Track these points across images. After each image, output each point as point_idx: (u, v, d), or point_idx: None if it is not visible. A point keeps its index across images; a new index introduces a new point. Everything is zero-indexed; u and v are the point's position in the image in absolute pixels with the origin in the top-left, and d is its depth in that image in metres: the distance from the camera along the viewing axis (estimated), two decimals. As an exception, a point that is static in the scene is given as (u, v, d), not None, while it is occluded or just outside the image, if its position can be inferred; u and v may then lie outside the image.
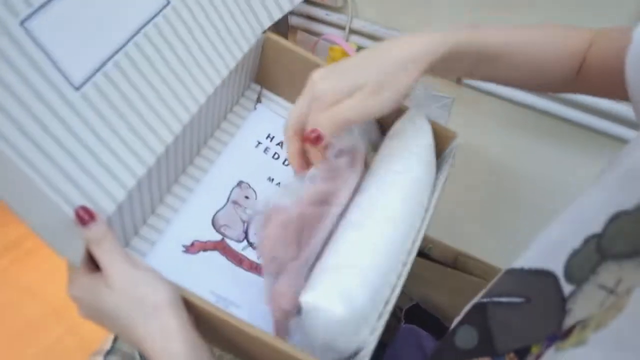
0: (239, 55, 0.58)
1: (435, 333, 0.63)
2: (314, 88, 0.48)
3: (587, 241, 0.40)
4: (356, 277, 0.46)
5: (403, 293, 0.52)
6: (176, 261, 0.54)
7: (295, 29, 1.04)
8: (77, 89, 0.44)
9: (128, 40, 0.48)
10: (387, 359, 0.62)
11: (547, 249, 0.43)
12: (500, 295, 0.45)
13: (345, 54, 0.95)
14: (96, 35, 0.46)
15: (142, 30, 0.49)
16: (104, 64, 0.46)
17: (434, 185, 0.57)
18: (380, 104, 0.47)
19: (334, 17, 0.98)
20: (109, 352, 0.57)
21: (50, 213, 0.42)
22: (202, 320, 0.46)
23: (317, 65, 0.61)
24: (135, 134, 0.48)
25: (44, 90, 0.42)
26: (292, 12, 1.02)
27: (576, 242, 0.40)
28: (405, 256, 0.51)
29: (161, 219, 0.56)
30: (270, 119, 0.66)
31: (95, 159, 0.45)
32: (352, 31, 0.97)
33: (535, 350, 0.40)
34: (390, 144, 0.57)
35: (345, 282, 0.45)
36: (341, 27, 0.98)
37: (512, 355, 0.42)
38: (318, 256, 0.49)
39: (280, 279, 0.46)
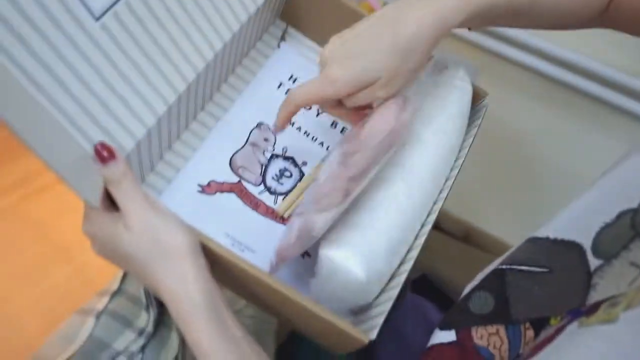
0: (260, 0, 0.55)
1: (441, 306, 0.63)
2: (326, 72, 0.48)
3: (620, 216, 0.38)
4: (382, 240, 0.46)
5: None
6: (192, 200, 0.53)
7: None
8: (97, 19, 0.42)
9: (152, -31, 0.45)
10: (391, 327, 0.63)
11: (575, 220, 0.42)
12: (520, 264, 0.44)
13: (372, 10, 0.90)
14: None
15: (167, -42, 0.46)
16: (125, -7, 0.43)
17: (462, 142, 0.56)
18: (390, 93, 0.49)
19: None
20: (115, 293, 0.57)
21: (68, 149, 0.41)
22: (218, 265, 0.46)
23: (344, 6, 0.58)
24: (157, 69, 0.46)
25: (64, 20, 0.40)
26: None
27: (609, 215, 0.39)
28: (425, 216, 0.51)
29: (179, 156, 0.55)
30: (293, 58, 0.63)
31: (115, 94, 0.43)
32: None
33: (554, 322, 0.40)
34: (430, 99, 0.54)
35: (371, 245, 0.45)
36: None
37: (527, 325, 0.42)
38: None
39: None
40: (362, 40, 0.47)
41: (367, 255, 0.44)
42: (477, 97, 0.58)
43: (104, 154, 0.41)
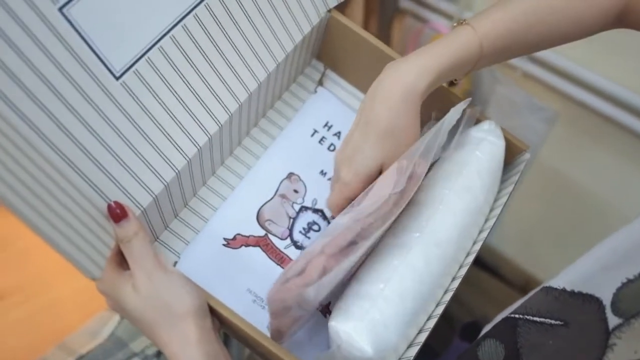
0: (299, 38, 0.53)
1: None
2: (340, 176, 0.49)
3: None
4: (393, 311, 0.43)
5: (464, 306, 0.48)
6: (217, 254, 0.52)
7: (403, 12, 0.99)
8: (118, 77, 0.42)
9: (175, 24, 0.45)
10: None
11: (594, 273, 0.39)
12: (534, 314, 0.41)
13: None
14: (139, 20, 0.43)
15: (192, 12, 0.45)
16: (147, 50, 0.43)
17: (494, 202, 0.52)
18: None
19: (444, 5, 0.92)
20: None
21: (80, 211, 0.41)
22: (227, 324, 0.45)
23: (379, 50, 0.56)
24: (178, 124, 0.46)
25: (82, 81, 0.40)
26: None
27: (631, 271, 0.36)
28: (449, 283, 0.47)
29: (207, 205, 0.54)
30: (331, 104, 0.61)
31: (132, 150, 0.43)
32: (462, 23, 0.90)
33: None
34: (454, 156, 0.51)
35: (381, 317, 0.43)
36: (451, 17, 0.91)
37: None
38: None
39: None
40: (355, 138, 0.48)
41: (377, 329, 0.42)
42: (516, 151, 0.54)
43: (117, 212, 0.41)
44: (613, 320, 0.36)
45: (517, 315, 0.44)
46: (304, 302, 0.39)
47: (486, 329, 0.48)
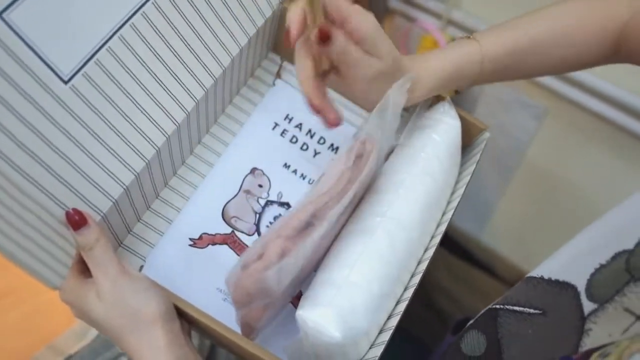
0: (252, 32, 0.53)
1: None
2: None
3: (616, 257, 0.36)
4: (360, 296, 0.43)
5: (457, 303, 0.49)
6: (184, 255, 0.52)
7: (392, 12, 0.99)
8: (66, 82, 0.41)
9: (123, 23, 0.44)
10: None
11: (571, 260, 0.40)
12: (514, 304, 0.42)
13: (436, 46, 0.88)
14: (85, 22, 0.42)
15: (140, 10, 0.44)
16: (95, 51, 0.42)
17: (456, 183, 0.52)
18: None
19: (433, 4, 0.92)
20: None
21: (35, 220, 0.40)
22: (196, 325, 0.44)
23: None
24: (133, 125, 0.45)
25: (29, 87, 0.39)
26: None
27: (604, 257, 0.37)
28: (415, 265, 0.47)
29: (170, 206, 0.53)
30: (290, 96, 0.61)
31: (88, 156, 0.42)
32: (450, 22, 0.91)
33: None
34: (411, 141, 0.52)
35: (347, 302, 0.43)
36: (439, 16, 0.92)
37: None
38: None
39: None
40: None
41: (345, 314, 0.42)
42: (476, 131, 0.55)
43: (76, 219, 0.40)
44: (588, 306, 0.37)
45: (498, 306, 0.44)
46: (266, 287, 0.39)
47: (471, 322, 0.49)
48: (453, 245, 1.19)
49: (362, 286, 0.44)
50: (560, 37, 0.49)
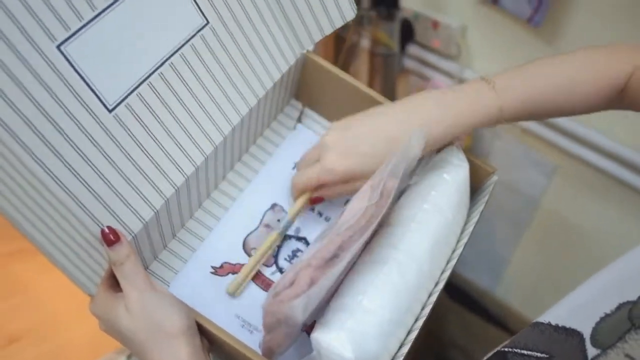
0: (277, 76, 0.57)
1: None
2: (325, 161, 0.53)
3: (620, 307, 0.38)
4: (372, 321, 0.45)
5: (470, 357, 0.50)
6: (205, 282, 0.54)
7: (407, 72, 1.06)
8: (110, 110, 0.45)
9: (164, 62, 0.48)
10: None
11: (578, 309, 0.42)
12: (522, 347, 0.43)
13: None
14: (131, 58, 0.46)
15: (179, 51, 0.49)
16: (138, 85, 0.47)
17: (465, 224, 0.55)
18: None
19: (446, 64, 0.99)
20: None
21: (74, 233, 0.43)
22: (216, 344, 0.46)
23: (355, 88, 0.60)
24: (166, 154, 0.49)
25: (78, 113, 0.43)
26: (406, 55, 1.05)
27: (609, 307, 0.39)
28: (425, 297, 0.49)
29: (194, 235, 0.56)
30: (309, 139, 0.64)
31: (123, 178, 0.46)
32: (462, 81, 0.97)
33: None
34: (423, 180, 0.55)
35: (360, 326, 0.45)
36: (452, 76, 0.98)
37: None
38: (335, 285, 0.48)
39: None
40: (362, 140, 0.52)
41: (357, 337, 0.44)
42: (484, 174, 0.58)
43: (110, 236, 0.43)
44: (592, 352, 0.38)
45: (507, 349, 0.45)
46: (292, 315, 0.41)
47: None
48: (467, 299, 1.19)
49: (374, 312, 0.46)
50: (574, 86, 0.53)
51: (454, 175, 0.55)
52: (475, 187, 0.59)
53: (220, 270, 0.55)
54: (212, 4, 0.51)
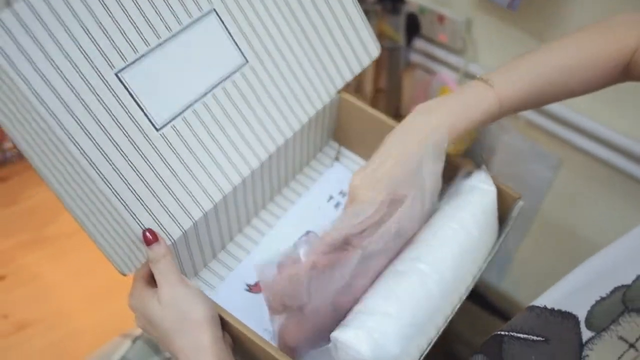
0: (312, 112, 0.63)
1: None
2: (356, 206, 0.51)
3: (614, 291, 0.39)
4: (392, 324, 0.46)
5: (471, 345, 0.50)
6: (239, 297, 0.57)
7: (413, 66, 1.09)
8: (158, 129, 0.51)
9: (207, 93, 0.55)
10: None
11: (573, 292, 0.42)
12: (518, 331, 0.44)
13: None
14: (179, 87, 0.53)
15: (221, 85, 0.56)
16: (183, 110, 0.53)
17: (493, 247, 0.56)
18: None
19: (452, 58, 1.00)
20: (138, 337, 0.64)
21: (119, 231, 0.48)
22: (238, 340, 0.49)
23: (389, 127, 0.64)
24: (207, 173, 0.54)
25: (130, 130, 0.50)
26: (412, 49, 1.06)
27: (604, 290, 0.39)
28: (449, 310, 0.50)
29: (232, 257, 0.60)
30: (345, 176, 0.69)
31: (166, 189, 0.51)
32: (468, 75, 0.99)
33: None
34: (451, 202, 0.57)
35: (378, 328, 0.46)
36: (457, 70, 1.00)
37: None
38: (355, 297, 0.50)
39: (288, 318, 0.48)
40: (383, 167, 0.53)
41: (375, 336, 0.45)
42: (510, 200, 0.60)
43: (149, 237, 0.48)
44: (586, 334, 0.39)
45: (503, 333, 0.46)
46: (297, 290, 0.43)
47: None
48: (472, 293, 1.16)
49: (395, 315, 0.47)
50: (573, 71, 0.54)
51: (481, 198, 0.57)
52: (501, 211, 0.60)
53: (254, 288, 0.58)
54: (251, 46, 0.58)
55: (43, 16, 0.46)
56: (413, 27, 1.04)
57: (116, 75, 0.50)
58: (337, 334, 0.46)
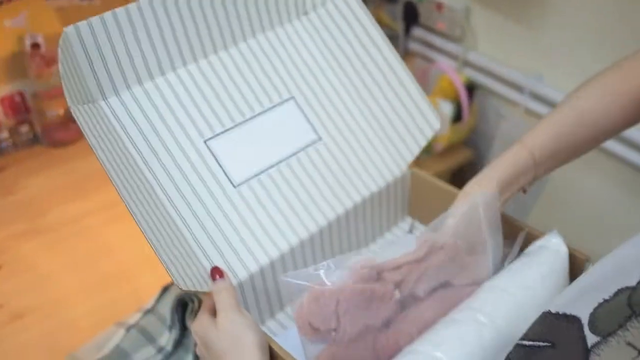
0: (382, 184, 0.68)
1: None
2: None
3: (618, 293, 0.38)
4: None
5: None
6: (295, 344, 0.60)
7: (412, 54, 1.09)
8: (235, 187, 0.61)
9: (282, 161, 0.64)
10: None
11: (577, 295, 0.41)
12: (524, 338, 0.43)
13: (452, 86, 0.94)
14: (258, 155, 0.63)
15: (295, 156, 0.65)
16: (259, 174, 0.62)
17: None
18: None
19: (450, 46, 1.00)
20: (148, 311, 0.68)
21: (192, 265, 0.56)
22: None
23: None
24: (276, 226, 0.61)
25: (211, 184, 0.60)
26: (411, 37, 1.07)
27: (608, 292, 0.38)
28: None
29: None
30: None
31: (238, 235, 0.59)
32: (467, 63, 0.98)
33: None
34: (519, 260, 0.57)
35: None
36: (455, 57, 1.01)
37: None
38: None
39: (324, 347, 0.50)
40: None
41: None
42: (578, 262, 0.58)
43: (216, 274, 0.55)
44: (591, 339, 0.38)
45: None
46: (323, 312, 0.46)
47: None
48: None
49: None
50: (595, 115, 0.56)
51: (551, 258, 0.57)
52: (571, 273, 0.58)
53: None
54: (324, 126, 0.67)
55: (155, 100, 0.60)
56: (411, 15, 1.04)
57: (204, 142, 0.61)
58: None
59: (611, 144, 0.90)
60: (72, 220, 1.01)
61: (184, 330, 0.71)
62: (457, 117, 1.08)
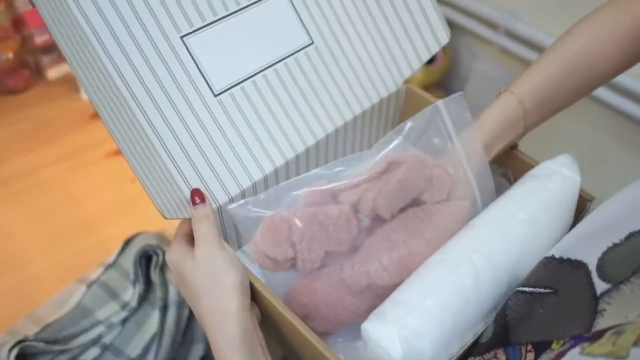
0: (376, 99, 0.62)
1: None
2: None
3: (630, 237, 0.34)
4: (431, 324, 0.42)
5: None
6: (280, 275, 0.56)
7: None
8: (216, 95, 0.52)
9: (268, 66, 0.55)
10: None
11: (582, 239, 0.39)
12: (524, 284, 0.41)
13: None
14: (242, 58, 0.54)
15: (283, 61, 0.56)
16: (243, 80, 0.54)
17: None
18: None
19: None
20: (110, 266, 0.66)
21: (169, 186, 0.49)
22: (263, 310, 0.48)
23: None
24: (259, 142, 0.54)
25: (189, 92, 0.51)
26: None
27: (618, 236, 0.35)
28: (493, 316, 0.45)
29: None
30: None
31: (218, 154, 0.52)
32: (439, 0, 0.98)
33: (556, 346, 0.35)
34: (523, 185, 0.52)
35: (415, 328, 0.42)
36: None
37: (529, 347, 0.38)
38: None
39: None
40: None
41: (410, 337, 0.41)
42: (582, 202, 0.54)
43: (195, 198, 0.49)
44: (600, 286, 0.35)
45: None
46: (274, 233, 0.44)
47: None
48: None
49: (435, 314, 0.43)
50: (592, 53, 0.52)
51: (560, 187, 0.51)
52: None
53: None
54: (318, 27, 0.58)
55: None
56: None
57: (181, 38, 0.51)
58: (369, 327, 0.43)
59: (600, 91, 0.87)
60: (30, 171, 0.93)
61: (148, 284, 0.66)
62: (430, 58, 1.02)
